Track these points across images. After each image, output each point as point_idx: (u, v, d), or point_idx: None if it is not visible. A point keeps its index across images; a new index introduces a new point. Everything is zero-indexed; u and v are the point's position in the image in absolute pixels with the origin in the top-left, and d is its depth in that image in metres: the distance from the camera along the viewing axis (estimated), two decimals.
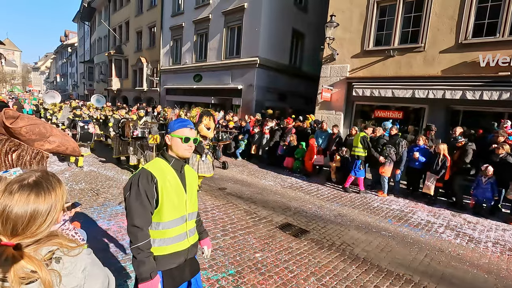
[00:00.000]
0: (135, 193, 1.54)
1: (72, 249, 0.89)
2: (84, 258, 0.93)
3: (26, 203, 0.83)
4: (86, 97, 33.37)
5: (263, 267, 3.40)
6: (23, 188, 0.85)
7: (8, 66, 52.86)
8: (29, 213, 0.82)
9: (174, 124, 1.74)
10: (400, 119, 8.85)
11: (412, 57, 8.26)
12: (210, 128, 5.49)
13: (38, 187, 0.87)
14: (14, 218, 0.80)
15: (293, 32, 13.87)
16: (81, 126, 7.04)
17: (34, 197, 0.84)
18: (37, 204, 0.84)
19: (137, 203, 1.54)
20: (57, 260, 0.85)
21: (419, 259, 3.93)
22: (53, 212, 0.88)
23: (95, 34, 30.41)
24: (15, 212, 0.81)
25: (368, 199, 6.54)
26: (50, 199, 0.87)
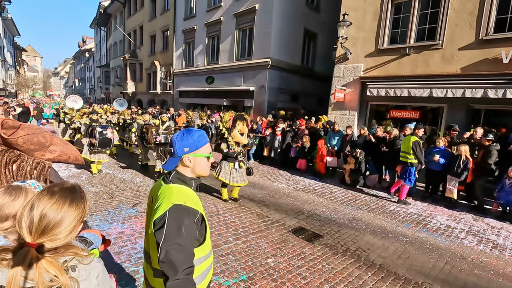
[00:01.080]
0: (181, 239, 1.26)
1: (86, 258, 0.94)
2: (97, 265, 0.98)
3: (62, 206, 0.89)
4: (103, 100, 34.33)
5: (276, 273, 3.33)
6: (64, 192, 0.92)
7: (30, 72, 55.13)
8: (60, 216, 0.89)
9: (197, 140, 1.43)
10: (417, 119, 8.56)
11: (429, 54, 7.97)
12: (244, 133, 5.23)
13: (74, 194, 0.95)
14: (49, 217, 0.87)
15: (305, 32, 13.73)
16: (99, 131, 6.73)
17: (69, 202, 0.92)
18: (70, 210, 0.91)
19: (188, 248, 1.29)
20: (73, 268, 0.90)
21: (439, 266, 3.75)
22: (77, 222, 0.94)
23: (111, 39, 31.24)
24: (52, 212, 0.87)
25: (384, 202, 6.35)
26: (79, 208, 0.94)
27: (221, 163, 5.43)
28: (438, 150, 6.33)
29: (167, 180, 1.44)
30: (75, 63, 61.27)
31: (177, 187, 1.40)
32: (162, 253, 1.24)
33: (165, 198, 1.33)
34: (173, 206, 1.28)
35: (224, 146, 5.36)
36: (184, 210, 1.30)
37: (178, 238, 1.25)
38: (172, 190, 1.38)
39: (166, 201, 1.31)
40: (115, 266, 3.23)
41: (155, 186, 1.52)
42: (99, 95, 37.90)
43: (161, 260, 1.24)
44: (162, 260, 1.24)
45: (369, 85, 8.86)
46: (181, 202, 1.31)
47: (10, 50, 35.26)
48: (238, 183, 5.35)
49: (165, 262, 1.24)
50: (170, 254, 1.23)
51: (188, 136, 1.43)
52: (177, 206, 1.29)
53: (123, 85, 25.83)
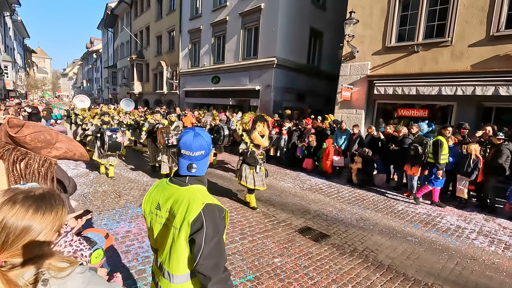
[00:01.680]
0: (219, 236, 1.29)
1: (63, 270, 0.82)
2: (75, 278, 0.84)
3: (23, 216, 0.79)
4: (110, 101, 34.72)
5: (282, 273, 3.31)
6: (26, 200, 0.82)
7: (39, 73, 56.10)
8: (21, 227, 0.79)
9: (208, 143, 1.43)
10: (426, 118, 8.42)
11: (438, 52, 7.83)
12: (265, 135, 4.96)
13: (40, 202, 0.84)
14: (9, 228, 0.78)
15: (311, 31, 13.64)
16: (109, 135, 6.51)
17: (32, 211, 0.81)
18: (32, 221, 0.81)
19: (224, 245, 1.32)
20: (45, 283, 0.79)
21: (449, 267, 3.68)
22: (46, 233, 0.83)
23: (118, 40, 31.56)
24: (11, 223, 0.78)
25: (392, 202, 6.26)
26: (48, 218, 0.84)
27: (242, 167, 5.16)
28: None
29: (182, 183, 1.39)
30: (83, 64, 62.12)
31: (198, 188, 1.39)
32: (203, 255, 1.23)
33: (192, 200, 1.30)
34: (205, 206, 1.27)
35: (243, 147, 5.08)
36: (216, 208, 1.30)
37: (217, 236, 1.26)
38: (194, 191, 1.36)
39: (196, 203, 1.28)
40: (122, 265, 3.25)
41: (157, 191, 1.46)
42: (107, 96, 38.35)
43: (201, 263, 1.23)
44: (202, 262, 1.23)
45: (376, 84, 8.76)
46: (210, 201, 1.31)
47: (20, 52, 35.94)
48: (259, 187, 5.13)
49: (206, 263, 1.23)
50: (212, 254, 1.24)
51: (205, 140, 1.40)
52: (209, 205, 1.29)
53: (130, 85, 26.07)
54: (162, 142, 6.43)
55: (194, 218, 1.25)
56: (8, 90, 26.11)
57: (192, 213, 1.26)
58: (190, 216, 1.25)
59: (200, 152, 1.37)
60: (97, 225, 4.27)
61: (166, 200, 1.38)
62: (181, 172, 1.40)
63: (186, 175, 1.39)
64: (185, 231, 1.27)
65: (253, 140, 4.86)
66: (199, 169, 1.40)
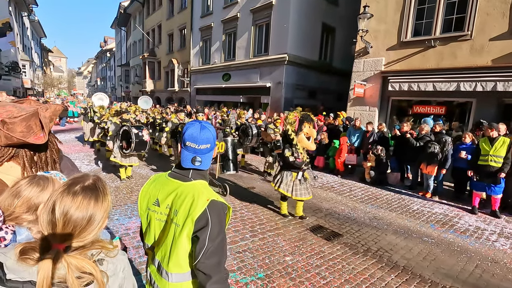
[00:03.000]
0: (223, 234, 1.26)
1: (111, 251, 0.91)
2: (122, 258, 0.95)
3: (87, 207, 0.84)
4: (123, 98, 35.31)
5: (294, 271, 3.25)
6: (86, 191, 0.86)
7: (55, 72, 57.63)
8: (87, 218, 0.84)
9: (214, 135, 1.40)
10: (442, 115, 8.14)
11: (457, 46, 7.54)
12: (312, 137, 4.44)
13: (97, 191, 0.89)
14: (74, 222, 0.82)
15: (323, 27, 13.42)
16: (135, 133, 5.95)
17: (94, 202, 0.86)
18: (96, 209, 0.86)
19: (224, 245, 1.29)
20: (101, 262, 0.87)
21: (469, 270, 3.53)
22: (104, 218, 0.90)
23: (131, 38, 32.01)
24: (76, 216, 0.82)
25: (407, 201, 6.09)
26: (106, 204, 0.90)
27: (282, 173, 4.61)
28: (465, 147, 5.98)
29: (184, 177, 1.34)
30: (97, 62, 63.40)
31: (201, 183, 1.34)
32: (207, 253, 1.18)
33: (197, 196, 1.25)
34: (210, 202, 1.22)
35: (289, 154, 4.40)
36: (220, 205, 1.26)
37: (221, 234, 1.23)
38: (198, 186, 1.31)
39: (201, 199, 1.23)
40: (133, 260, 3.26)
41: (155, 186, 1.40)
42: (120, 94, 39.02)
43: (203, 261, 1.19)
44: (204, 260, 1.19)
45: (391, 80, 8.52)
46: (214, 197, 1.26)
47: (37, 51, 36.97)
48: (302, 197, 4.51)
49: (208, 261, 1.19)
50: (215, 252, 1.20)
51: (213, 128, 1.38)
52: (215, 202, 1.24)
53: (142, 83, 26.42)
54: None
55: (199, 215, 1.19)
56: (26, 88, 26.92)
57: (197, 209, 1.20)
58: (195, 213, 1.20)
59: (206, 145, 1.33)
60: (109, 220, 4.31)
61: (167, 195, 1.33)
62: (184, 164, 1.34)
63: (190, 168, 1.34)
64: (189, 228, 1.21)
65: (299, 142, 4.33)
66: (203, 162, 1.34)
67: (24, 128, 1.03)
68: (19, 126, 1.02)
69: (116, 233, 3.95)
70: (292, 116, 4.42)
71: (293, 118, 4.39)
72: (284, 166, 4.60)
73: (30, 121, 1.05)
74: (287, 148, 4.47)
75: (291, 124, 4.39)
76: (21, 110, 1.06)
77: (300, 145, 4.36)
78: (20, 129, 1.02)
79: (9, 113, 1.02)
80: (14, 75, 21.24)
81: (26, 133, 1.03)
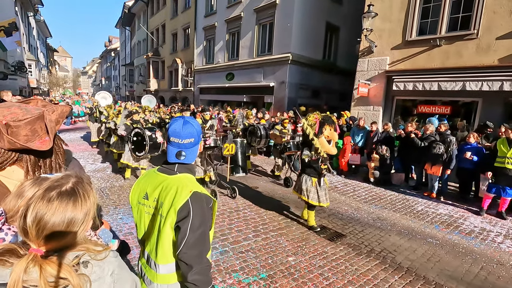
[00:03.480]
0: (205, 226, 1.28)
1: (99, 253, 0.88)
2: (111, 261, 0.91)
3: (64, 212, 0.81)
4: (127, 98, 35.50)
5: (296, 272, 3.24)
6: (62, 196, 0.82)
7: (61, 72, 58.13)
8: (66, 223, 0.81)
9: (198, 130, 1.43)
10: (447, 115, 8.06)
11: (463, 45, 7.45)
12: (333, 140, 4.22)
13: (76, 195, 0.85)
14: (51, 227, 0.79)
15: (327, 26, 13.35)
16: (149, 135, 5.68)
17: (72, 206, 0.82)
18: (75, 213, 0.83)
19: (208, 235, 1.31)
20: (85, 264, 0.84)
21: (474, 272, 3.49)
22: (87, 219, 0.87)
23: (135, 38, 32.16)
24: (53, 221, 0.79)
25: (411, 201, 6.04)
26: (85, 207, 0.86)
27: (301, 178, 4.31)
28: (470, 147, 5.91)
29: (170, 171, 1.38)
30: (102, 62, 63.80)
31: (187, 176, 1.37)
32: (188, 243, 1.22)
33: (180, 188, 1.28)
34: (193, 194, 1.25)
35: (307, 155, 4.13)
36: (203, 197, 1.29)
37: (202, 226, 1.25)
38: (182, 179, 1.34)
39: (184, 190, 1.26)
40: (136, 260, 3.27)
41: (145, 181, 1.44)
42: (124, 93, 39.24)
43: (185, 251, 1.22)
44: (186, 251, 1.22)
45: (395, 79, 8.45)
46: (197, 189, 1.29)
47: (43, 51, 37.31)
48: (323, 203, 4.24)
49: (190, 252, 1.22)
50: (196, 243, 1.23)
51: (196, 121, 1.42)
52: (197, 194, 1.27)
53: (146, 82, 26.55)
54: None
55: (181, 205, 1.23)
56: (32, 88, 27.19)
57: (180, 200, 1.24)
58: (177, 204, 1.24)
59: (189, 139, 1.37)
60: (113, 219, 4.34)
61: (154, 189, 1.36)
62: (169, 159, 1.40)
63: (175, 162, 1.38)
64: (171, 219, 1.25)
65: (320, 146, 4.06)
66: (188, 156, 1.38)
67: (29, 132, 1.01)
68: (23, 129, 1.00)
69: (120, 232, 3.97)
70: (312, 118, 4.16)
71: (313, 120, 4.13)
72: (303, 171, 4.35)
73: (35, 125, 1.02)
74: (305, 151, 4.18)
75: (311, 126, 4.11)
76: (26, 112, 1.03)
77: (320, 148, 4.07)
78: (25, 133, 1.00)
79: (13, 115, 1.00)
80: (20, 75, 21.46)
81: (31, 136, 1.01)
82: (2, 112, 1.00)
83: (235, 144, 5.55)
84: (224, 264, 3.31)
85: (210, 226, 1.36)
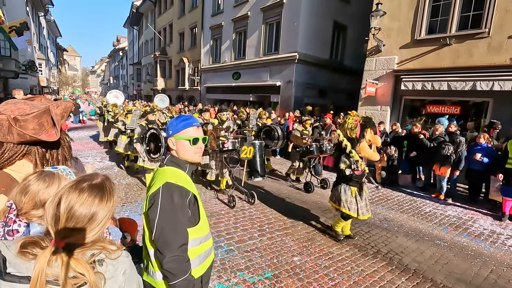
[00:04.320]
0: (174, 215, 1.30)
1: (114, 252, 0.90)
2: (124, 261, 0.94)
3: (91, 204, 0.84)
4: (134, 97, 35.85)
5: (302, 272, 3.23)
6: (93, 189, 0.87)
7: (70, 71, 59.05)
8: (90, 215, 0.84)
9: (177, 123, 1.45)
10: (457, 115, 7.92)
11: (473, 44, 7.31)
12: (374, 145, 3.78)
13: (103, 190, 0.89)
14: (78, 216, 0.82)
15: (335, 25, 13.26)
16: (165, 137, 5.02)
17: (98, 200, 0.86)
18: (100, 208, 0.86)
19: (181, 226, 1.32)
20: (100, 263, 0.87)
21: (483, 275, 3.42)
22: (107, 218, 0.90)
23: (143, 37, 32.45)
24: (80, 212, 0.83)
25: (419, 203, 5.96)
26: (110, 204, 0.90)
27: (339, 188, 3.85)
28: (480, 148, 5.79)
29: (162, 163, 1.48)
30: (110, 61, 64.55)
31: (171, 169, 1.43)
32: (157, 231, 1.27)
33: (159, 179, 1.36)
34: (165, 183, 1.31)
35: (345, 166, 3.69)
36: (176, 187, 1.32)
37: (171, 215, 1.29)
38: (165, 171, 1.42)
39: (160, 181, 1.34)
40: None
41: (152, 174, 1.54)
42: (132, 92, 39.64)
43: (157, 238, 1.27)
44: (157, 238, 1.27)
45: (404, 79, 8.35)
46: (173, 180, 1.33)
47: (53, 50, 37.94)
48: (364, 215, 3.75)
49: (160, 239, 1.27)
50: (164, 230, 1.27)
51: (173, 120, 1.49)
52: (169, 184, 1.32)
53: (153, 81, 26.77)
54: (214, 146, 5.25)
55: (152, 193, 1.31)
56: (42, 87, 27.68)
57: (152, 189, 1.33)
58: (149, 192, 1.33)
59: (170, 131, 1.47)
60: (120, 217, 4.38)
61: (151, 180, 1.46)
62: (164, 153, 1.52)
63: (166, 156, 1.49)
64: (146, 206, 1.36)
65: (359, 151, 3.63)
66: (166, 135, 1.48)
67: (36, 125, 1.04)
68: (31, 123, 1.03)
69: None
70: (352, 121, 3.69)
71: (353, 123, 3.67)
72: (340, 179, 3.89)
73: (42, 118, 1.06)
74: (342, 160, 3.70)
75: (351, 130, 3.64)
76: (33, 107, 1.07)
77: (362, 154, 3.67)
78: (32, 126, 1.03)
79: (21, 110, 1.04)
80: (31, 74, 21.88)
81: (38, 130, 1.05)
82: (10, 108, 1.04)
83: (254, 146, 5.15)
84: (229, 263, 3.31)
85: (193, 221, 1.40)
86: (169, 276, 1.27)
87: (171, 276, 1.26)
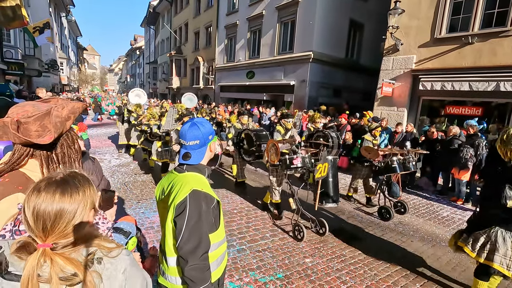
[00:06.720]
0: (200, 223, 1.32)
1: (111, 250, 0.89)
2: (124, 259, 0.92)
3: (52, 201, 0.82)
4: (150, 95, 36.54)
5: (313, 274, 3.21)
6: (49, 186, 0.85)
7: (89, 69, 60.86)
8: (54, 211, 0.82)
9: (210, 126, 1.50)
10: (479, 116, 7.62)
11: (497, 43, 7.00)
12: None
13: (64, 185, 0.86)
14: (43, 215, 0.81)
15: (351, 23, 13.03)
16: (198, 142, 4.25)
17: (59, 195, 0.83)
18: (64, 203, 0.83)
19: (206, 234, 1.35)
20: (99, 261, 0.86)
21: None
22: (81, 212, 0.86)
23: (159, 36, 33.02)
24: (43, 209, 0.81)
25: (436, 207, 5.79)
26: (77, 197, 0.86)
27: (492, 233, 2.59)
28: None
29: (181, 170, 1.46)
30: (128, 60, 66.04)
31: (193, 175, 1.43)
32: (183, 239, 1.28)
33: (183, 185, 1.35)
34: (192, 191, 1.31)
35: None
36: (203, 195, 1.34)
37: (198, 223, 1.30)
38: (188, 177, 1.40)
39: (185, 188, 1.33)
40: None
41: (165, 179, 1.53)
42: (147, 90, 40.43)
43: (181, 246, 1.29)
44: (182, 246, 1.29)
45: (422, 78, 8.11)
46: (199, 188, 1.34)
47: (74, 50, 39.23)
48: None
49: (185, 247, 1.28)
50: (190, 239, 1.28)
51: (206, 123, 1.48)
52: (196, 192, 1.32)
53: (169, 80, 27.22)
54: (274, 161, 4.10)
55: (180, 201, 1.30)
56: (63, 85, 28.73)
57: (179, 196, 1.31)
58: (177, 200, 1.31)
59: (194, 141, 1.43)
60: (135, 213, 4.51)
61: (168, 186, 1.45)
62: (179, 160, 1.48)
63: (184, 163, 1.46)
64: (172, 214, 1.33)
65: None
66: (193, 158, 1.45)
67: (39, 128, 1.05)
68: (33, 125, 1.04)
69: (141, 226, 4.11)
70: None
71: None
72: (493, 220, 2.59)
73: (44, 121, 1.07)
74: (508, 193, 2.39)
75: None
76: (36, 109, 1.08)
77: None
78: (35, 128, 1.05)
79: (25, 113, 1.06)
80: (52, 72, 22.74)
81: (42, 132, 1.06)
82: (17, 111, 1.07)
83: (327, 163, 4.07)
84: (241, 262, 3.34)
85: (215, 227, 1.41)
86: (190, 284, 1.30)
87: (191, 283, 1.29)
